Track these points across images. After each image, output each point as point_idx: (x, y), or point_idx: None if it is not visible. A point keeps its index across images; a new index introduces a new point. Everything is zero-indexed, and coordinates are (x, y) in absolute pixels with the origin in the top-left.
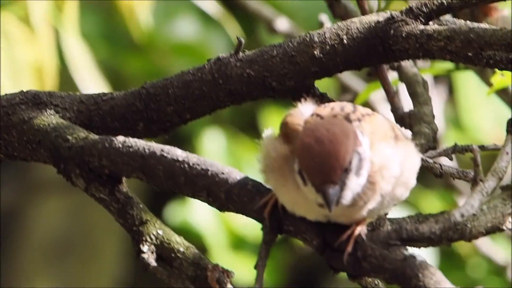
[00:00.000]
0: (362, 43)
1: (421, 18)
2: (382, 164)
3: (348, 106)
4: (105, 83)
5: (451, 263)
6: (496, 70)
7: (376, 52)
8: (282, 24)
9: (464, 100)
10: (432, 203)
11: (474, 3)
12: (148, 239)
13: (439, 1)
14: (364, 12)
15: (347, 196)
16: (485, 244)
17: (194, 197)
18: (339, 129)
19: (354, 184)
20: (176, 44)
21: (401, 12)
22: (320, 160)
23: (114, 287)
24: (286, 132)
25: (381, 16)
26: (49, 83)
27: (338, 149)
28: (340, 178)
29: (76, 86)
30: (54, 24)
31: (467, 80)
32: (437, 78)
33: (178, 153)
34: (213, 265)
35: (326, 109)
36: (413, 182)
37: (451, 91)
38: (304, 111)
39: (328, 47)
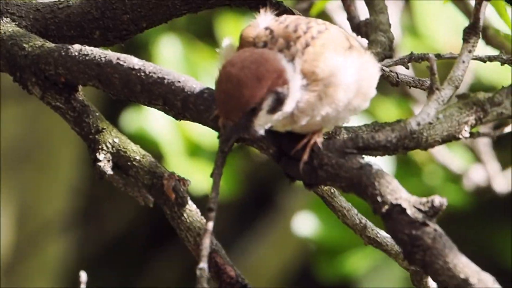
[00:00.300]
0: None
1: None
2: (330, 73)
3: (302, 26)
4: None
5: (407, 171)
6: None
7: None
8: None
9: (421, 8)
10: (388, 111)
11: None
12: (104, 148)
13: None
14: None
15: (254, 132)
16: (441, 152)
17: (150, 106)
18: (256, 70)
19: (265, 119)
20: None
21: None
22: (225, 97)
23: (70, 195)
24: (241, 44)
25: None
26: None
27: (243, 93)
28: (241, 119)
29: None
30: None
31: None
32: None
33: (134, 61)
34: (169, 173)
35: (280, 26)
36: (372, 91)
37: None
38: (260, 23)
39: None
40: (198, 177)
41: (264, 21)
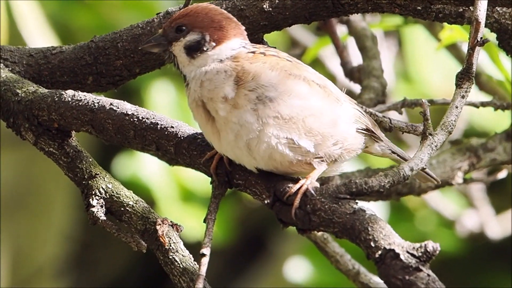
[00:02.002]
0: None
1: None
2: (255, 75)
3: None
4: (54, 37)
5: (400, 217)
6: (445, 24)
7: (325, 6)
8: None
9: (413, 54)
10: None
11: None
12: (98, 193)
13: None
14: None
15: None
16: (434, 198)
17: (144, 151)
18: (215, 10)
19: (183, 59)
20: None
21: None
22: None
23: (63, 240)
24: None
25: None
26: None
27: (193, 12)
28: (167, 29)
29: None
30: None
31: (416, 34)
32: (386, 32)
33: (127, 107)
34: (162, 219)
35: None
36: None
37: (400, 45)
38: None
39: (277, 0)
40: (191, 222)
41: None
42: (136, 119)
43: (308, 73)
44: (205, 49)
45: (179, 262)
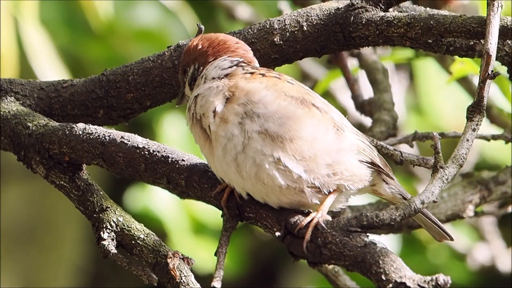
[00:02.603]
0: (322, 30)
1: (381, 5)
2: (248, 92)
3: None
4: (65, 70)
5: (411, 250)
6: (456, 57)
7: (336, 39)
8: (242, 11)
9: (424, 87)
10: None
11: None
12: (109, 226)
13: None
14: None
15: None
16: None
17: (155, 184)
18: (217, 42)
19: (187, 89)
20: (136, 30)
21: None
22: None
23: (74, 273)
24: None
25: (341, 3)
26: (9, 71)
27: (197, 46)
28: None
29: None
30: (13, 12)
31: (427, 67)
32: (397, 65)
33: (138, 140)
34: (173, 252)
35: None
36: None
37: (411, 78)
38: None
39: (288, 33)
40: (202, 255)
41: None
42: (147, 152)
43: (309, 96)
44: (197, 75)
45: None
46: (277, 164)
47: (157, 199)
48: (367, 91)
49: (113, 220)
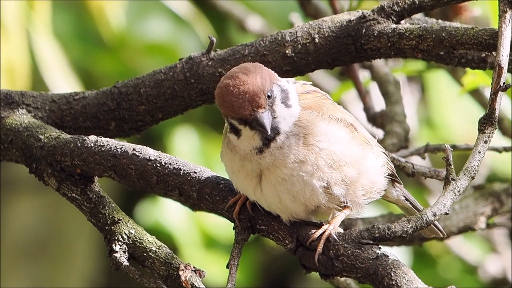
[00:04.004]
0: (333, 42)
1: (392, 17)
2: (307, 129)
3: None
4: (77, 83)
5: (423, 262)
6: (468, 69)
7: (348, 51)
8: (254, 23)
9: (436, 99)
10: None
11: (445, 2)
12: (120, 239)
13: (411, 0)
14: (335, 11)
15: (282, 125)
16: (456, 243)
17: (166, 197)
18: (252, 66)
19: (285, 113)
20: (148, 43)
21: (372, 11)
22: (240, 91)
23: (86, 286)
24: None
25: (353, 15)
26: (21, 83)
27: (254, 77)
28: (266, 103)
29: (48, 85)
30: (26, 24)
31: (439, 79)
32: (409, 77)
33: (150, 152)
34: (185, 264)
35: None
36: (363, 179)
37: (423, 90)
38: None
39: (299, 46)
40: (214, 268)
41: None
42: (159, 165)
43: (346, 115)
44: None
45: None
46: (326, 189)
47: (168, 213)
48: (379, 103)
49: (125, 233)
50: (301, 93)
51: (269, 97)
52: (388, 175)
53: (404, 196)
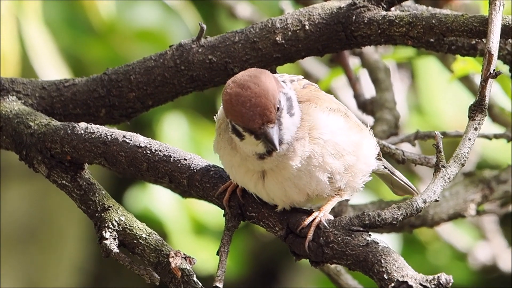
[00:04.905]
0: (324, 29)
1: (383, 4)
2: (310, 124)
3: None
4: (67, 70)
5: (413, 249)
6: (458, 56)
7: (338, 38)
8: (244, 10)
9: (426, 86)
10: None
11: None
12: (110, 226)
13: None
14: None
15: (287, 136)
16: (446, 230)
17: (156, 183)
18: (263, 75)
19: (289, 122)
20: (138, 30)
21: None
22: (252, 103)
23: (76, 273)
24: None
25: (343, 2)
26: (11, 70)
27: (266, 89)
28: (275, 117)
29: (37, 73)
30: (16, 12)
31: (429, 66)
32: (399, 64)
33: (140, 139)
34: (175, 251)
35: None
36: (361, 164)
37: (413, 77)
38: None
39: (290, 33)
40: (204, 255)
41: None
42: (149, 152)
43: (340, 104)
44: None
45: None
46: (330, 179)
47: (158, 200)
48: (369, 90)
49: (115, 220)
50: (299, 90)
51: (277, 109)
52: (377, 156)
53: (383, 165)
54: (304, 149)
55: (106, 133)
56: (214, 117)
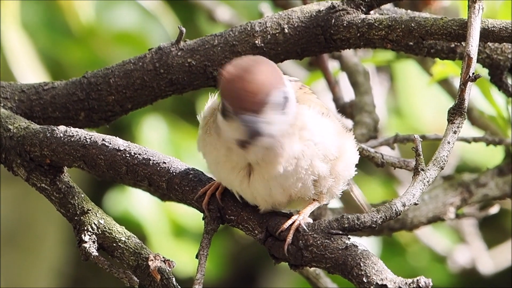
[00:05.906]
0: (303, 33)
1: (362, 7)
2: (302, 125)
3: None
4: (45, 73)
5: (392, 252)
6: (437, 59)
7: (317, 41)
8: (223, 13)
9: (405, 89)
10: (373, 192)
11: None
12: (90, 229)
13: None
14: (305, 1)
15: (272, 130)
16: (426, 233)
17: (136, 187)
18: (266, 64)
19: (278, 120)
20: (117, 33)
21: (342, 1)
22: (242, 86)
23: (55, 276)
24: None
25: (322, 6)
26: None
27: (262, 80)
28: (261, 109)
29: (15, 76)
30: None
31: (408, 70)
32: (378, 67)
33: (119, 142)
34: (154, 255)
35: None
36: (345, 170)
37: (392, 80)
38: None
39: (269, 36)
40: (183, 258)
41: None
42: (128, 155)
43: (329, 109)
44: None
45: None
46: (315, 182)
47: (137, 202)
48: (348, 93)
49: (94, 223)
50: (296, 90)
51: (274, 104)
52: None
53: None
54: (293, 147)
55: (85, 136)
56: (198, 116)
